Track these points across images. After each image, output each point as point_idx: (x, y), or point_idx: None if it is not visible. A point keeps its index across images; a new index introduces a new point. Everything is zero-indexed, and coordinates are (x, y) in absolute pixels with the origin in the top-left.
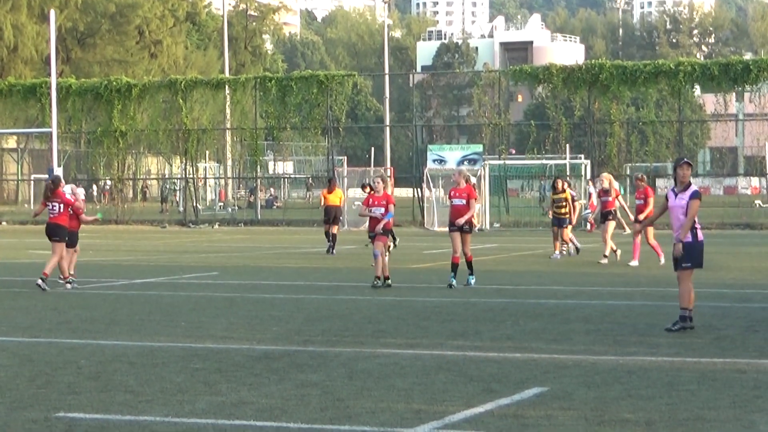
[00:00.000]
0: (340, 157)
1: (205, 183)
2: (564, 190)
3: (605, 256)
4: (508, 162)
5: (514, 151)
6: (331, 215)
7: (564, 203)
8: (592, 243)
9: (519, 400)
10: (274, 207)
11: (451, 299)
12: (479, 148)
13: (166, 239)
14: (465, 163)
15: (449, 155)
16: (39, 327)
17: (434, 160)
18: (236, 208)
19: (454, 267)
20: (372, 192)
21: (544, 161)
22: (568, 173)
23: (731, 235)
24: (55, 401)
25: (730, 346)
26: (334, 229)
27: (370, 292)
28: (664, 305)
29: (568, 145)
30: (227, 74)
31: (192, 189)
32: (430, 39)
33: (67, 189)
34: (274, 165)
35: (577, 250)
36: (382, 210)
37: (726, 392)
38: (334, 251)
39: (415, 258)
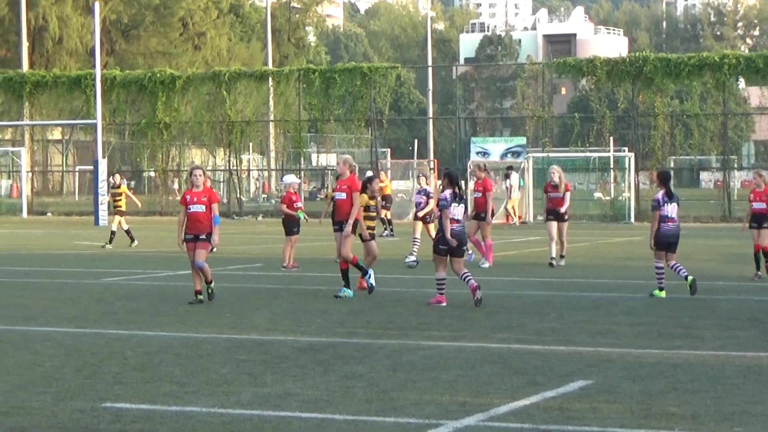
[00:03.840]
0: (384, 149)
1: (248, 175)
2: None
3: (562, 257)
4: (551, 154)
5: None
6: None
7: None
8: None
9: (564, 393)
10: (318, 199)
11: (496, 292)
12: (523, 140)
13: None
14: (509, 155)
15: (493, 147)
16: (85, 318)
17: (478, 153)
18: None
19: (345, 274)
20: (191, 187)
21: (588, 154)
22: (612, 166)
23: None
24: (102, 391)
25: None
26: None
27: (413, 284)
28: (709, 299)
29: (612, 138)
30: (270, 66)
31: (236, 181)
32: (473, 31)
33: (288, 179)
34: (317, 157)
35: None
36: (203, 208)
37: None
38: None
39: None
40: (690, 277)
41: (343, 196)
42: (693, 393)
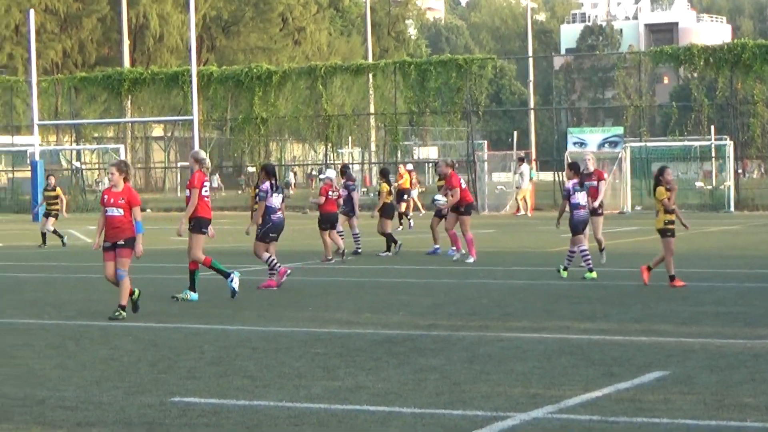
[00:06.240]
0: (480, 141)
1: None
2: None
3: (602, 250)
4: (649, 144)
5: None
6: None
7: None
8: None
9: (638, 384)
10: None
11: (583, 282)
12: (620, 130)
13: (305, 225)
14: (606, 145)
15: (590, 138)
16: (167, 312)
17: (575, 143)
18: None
19: (192, 275)
20: (111, 187)
21: (687, 143)
22: (713, 154)
23: None
24: (174, 386)
25: None
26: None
27: (501, 276)
28: None
29: (712, 126)
30: (370, 60)
31: None
32: (574, 22)
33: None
34: (418, 150)
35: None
36: (121, 212)
37: None
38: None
39: (552, 241)
40: (565, 272)
41: (188, 193)
42: None
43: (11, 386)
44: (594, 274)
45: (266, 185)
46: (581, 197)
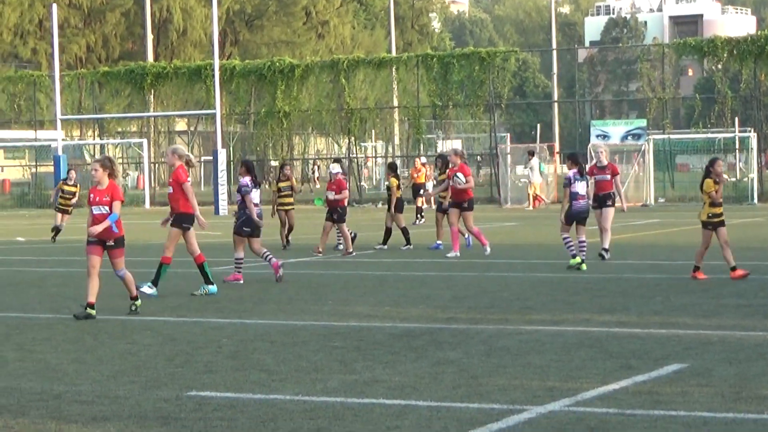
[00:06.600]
0: (503, 134)
1: (375, 162)
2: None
3: (606, 250)
4: (672, 136)
5: None
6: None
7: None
8: None
9: (656, 377)
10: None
11: (604, 275)
12: (643, 122)
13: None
14: (629, 138)
15: (613, 130)
16: (187, 306)
17: (598, 136)
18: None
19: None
20: (96, 185)
21: (711, 135)
22: (737, 146)
23: None
24: (190, 380)
25: None
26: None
27: (522, 269)
28: None
29: (737, 119)
30: (393, 53)
31: (356, 169)
32: (598, 14)
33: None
34: (442, 143)
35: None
36: (107, 210)
37: None
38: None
39: (573, 234)
40: (582, 261)
41: (170, 189)
42: None
43: (28, 380)
44: (578, 259)
45: (246, 180)
46: (581, 187)
